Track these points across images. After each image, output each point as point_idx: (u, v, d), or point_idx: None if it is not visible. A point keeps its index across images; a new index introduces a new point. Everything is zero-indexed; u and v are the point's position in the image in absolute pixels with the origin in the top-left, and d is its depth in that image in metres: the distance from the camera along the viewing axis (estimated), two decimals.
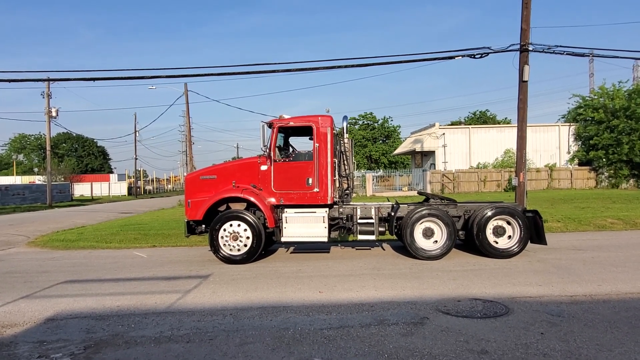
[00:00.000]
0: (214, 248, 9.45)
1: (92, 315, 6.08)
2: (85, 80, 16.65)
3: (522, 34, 13.86)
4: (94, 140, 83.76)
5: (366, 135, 64.29)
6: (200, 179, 10.20)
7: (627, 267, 8.27)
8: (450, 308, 5.98)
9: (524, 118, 14.12)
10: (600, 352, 4.41)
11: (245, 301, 6.58)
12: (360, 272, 8.35)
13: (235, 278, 8.11)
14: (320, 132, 9.61)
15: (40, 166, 70.67)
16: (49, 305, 6.60)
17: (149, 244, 12.88)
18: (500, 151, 38.80)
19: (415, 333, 5.06)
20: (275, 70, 15.93)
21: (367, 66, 15.99)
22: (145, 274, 8.80)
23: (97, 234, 14.98)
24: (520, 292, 6.68)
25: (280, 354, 4.55)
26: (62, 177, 60.77)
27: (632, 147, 34.14)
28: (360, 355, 4.48)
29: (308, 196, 9.62)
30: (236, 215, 9.45)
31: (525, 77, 13.83)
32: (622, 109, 35.05)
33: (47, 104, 36.63)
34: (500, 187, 36.11)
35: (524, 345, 4.64)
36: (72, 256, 11.32)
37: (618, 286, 6.90)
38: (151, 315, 6.01)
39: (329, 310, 6.00)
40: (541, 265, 8.59)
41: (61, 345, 4.96)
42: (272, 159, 9.68)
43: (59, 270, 9.41)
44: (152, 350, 4.76)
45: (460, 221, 9.88)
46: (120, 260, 10.42)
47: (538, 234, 9.64)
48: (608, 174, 36.66)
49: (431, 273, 8.15)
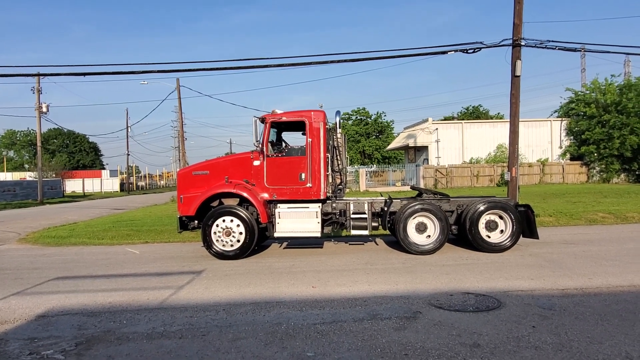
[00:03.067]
0: (206, 244, 9.41)
1: (83, 311, 6.03)
2: (76, 75, 16.45)
3: (515, 29, 13.88)
4: (85, 136, 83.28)
5: (359, 131, 64.34)
6: (193, 174, 10.15)
7: (618, 260, 8.34)
8: (443, 302, 6.00)
9: (516, 113, 14.18)
10: (590, 345, 4.45)
11: (238, 297, 6.56)
12: (353, 267, 8.36)
13: (228, 274, 8.09)
14: (313, 127, 9.59)
15: (31, 162, 70.14)
16: (40, 302, 6.54)
17: (141, 240, 12.82)
18: (492, 146, 39.00)
19: (408, 327, 5.07)
20: (267, 65, 15.88)
21: (360, 61, 15.99)
22: (137, 270, 8.76)
23: (89, 230, 14.89)
24: (512, 286, 6.72)
25: (273, 349, 4.55)
26: (54, 173, 60.36)
27: (623, 141, 34.43)
28: (353, 349, 4.49)
29: (301, 191, 9.60)
30: (229, 210, 9.42)
31: (517, 72, 13.87)
32: (613, 103, 35.32)
33: (38, 99, 36.27)
34: (493, 182, 36.32)
35: (515, 338, 4.66)
36: (63, 253, 11.23)
37: (609, 279, 6.96)
38: (143, 311, 5.97)
39: (322, 305, 6.00)
40: (533, 259, 8.65)
41: (52, 342, 4.92)
42: (265, 154, 9.65)
43: (50, 266, 9.34)
44: (145, 347, 4.73)
45: (453, 216, 9.91)
46: (112, 257, 10.36)
47: (530, 228, 9.70)
48: (599, 169, 36.98)
49: (424, 268, 8.18)
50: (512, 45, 13.90)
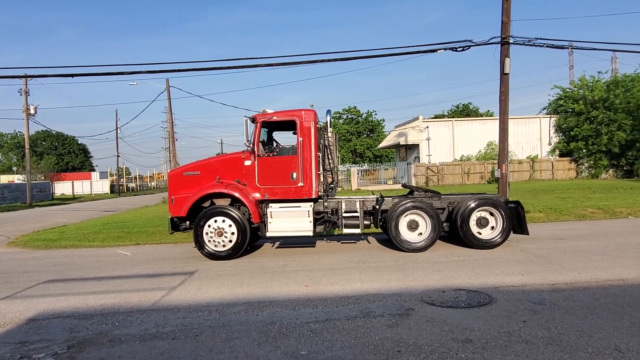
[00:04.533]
0: (198, 244, 9.38)
1: (75, 314, 5.99)
2: (64, 76, 16.28)
3: (503, 27, 13.98)
4: (74, 138, 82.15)
5: (350, 129, 64.38)
6: (184, 175, 10.11)
7: (607, 255, 8.45)
8: (435, 299, 6.04)
9: (505, 110, 14.29)
10: (580, 338, 4.51)
11: (231, 297, 6.55)
12: (345, 266, 8.38)
13: (221, 274, 8.08)
14: (303, 127, 9.59)
15: (19, 165, 69.26)
16: (31, 305, 6.48)
17: (132, 241, 12.73)
18: (483, 143, 39.24)
19: (401, 324, 5.10)
20: (257, 64, 15.86)
21: (350, 60, 15.99)
22: (129, 271, 8.70)
23: (79, 232, 14.76)
24: (503, 282, 6.78)
25: (266, 349, 4.55)
26: (42, 175, 59.65)
27: (610, 137, 34.86)
28: (347, 347, 4.51)
29: (293, 191, 9.60)
30: (221, 211, 9.40)
31: (506, 70, 13.97)
32: (601, 100, 35.75)
33: (25, 101, 35.85)
34: (484, 179, 36.57)
35: (506, 333, 4.71)
36: (53, 256, 11.13)
37: (598, 274, 7.05)
38: (135, 313, 5.95)
39: (315, 304, 6.01)
40: (523, 255, 8.73)
41: (44, 346, 4.88)
42: (256, 154, 9.63)
43: (41, 270, 9.25)
44: (137, 348, 4.71)
45: (445, 213, 9.97)
46: (103, 259, 10.29)
47: (520, 224, 9.79)
48: (588, 165, 37.40)
49: (416, 265, 8.22)
50: (500, 43, 14.00)
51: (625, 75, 37.61)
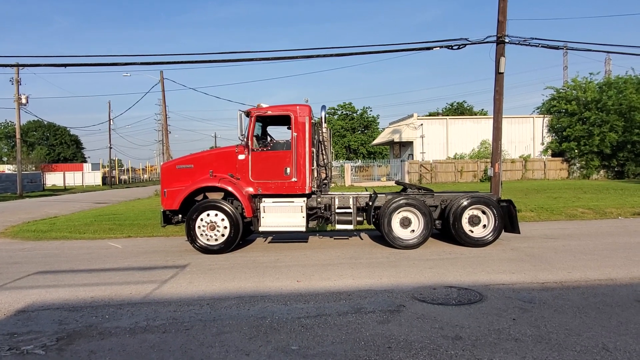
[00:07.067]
0: (190, 238, 9.35)
1: (64, 306, 5.95)
2: (56, 66, 16.10)
3: (499, 26, 14.01)
4: (66, 129, 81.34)
5: (345, 125, 64.42)
6: (177, 168, 10.05)
7: (596, 255, 8.53)
8: (426, 296, 6.07)
9: (499, 109, 14.34)
10: (569, 337, 4.55)
11: (222, 291, 6.54)
12: (338, 262, 8.39)
13: (213, 268, 8.06)
14: (298, 122, 9.57)
15: (10, 155, 68.61)
16: (20, 296, 6.43)
17: (124, 234, 12.67)
18: (476, 142, 39.42)
19: (392, 320, 5.12)
20: (252, 58, 15.81)
21: (345, 56, 15.99)
22: (120, 264, 8.66)
23: (70, 224, 14.65)
24: (494, 280, 6.82)
25: (257, 343, 4.55)
26: (33, 166, 59.17)
27: (602, 138, 35.14)
28: (337, 342, 4.52)
29: (286, 186, 9.59)
30: (213, 204, 9.36)
31: (501, 69, 14.01)
32: (593, 101, 36.01)
33: (17, 90, 35.43)
34: (477, 178, 36.75)
35: (496, 330, 4.75)
36: (43, 247, 11.04)
37: (587, 273, 7.12)
38: (126, 305, 5.92)
39: (306, 299, 6.02)
40: (514, 254, 8.80)
41: (33, 337, 4.85)
42: (250, 148, 9.60)
43: (30, 261, 9.18)
44: (127, 341, 4.70)
45: (437, 211, 10.01)
46: (94, 251, 10.22)
47: (512, 223, 9.85)
48: (580, 165, 37.71)
49: (408, 262, 8.25)
50: (496, 42, 14.04)
51: (617, 77, 37.91)
